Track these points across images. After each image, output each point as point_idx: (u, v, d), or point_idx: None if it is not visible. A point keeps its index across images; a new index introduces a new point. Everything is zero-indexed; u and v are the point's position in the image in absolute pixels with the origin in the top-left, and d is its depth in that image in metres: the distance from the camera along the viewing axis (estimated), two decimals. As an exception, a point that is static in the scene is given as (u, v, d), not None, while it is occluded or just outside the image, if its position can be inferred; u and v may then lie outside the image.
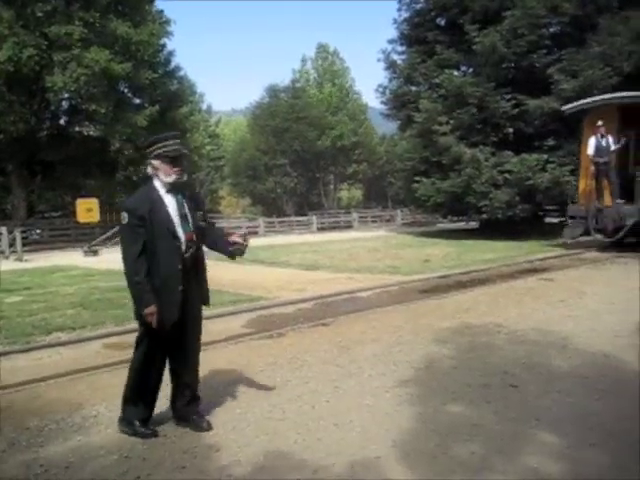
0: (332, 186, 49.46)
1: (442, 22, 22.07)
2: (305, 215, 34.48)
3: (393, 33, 23.76)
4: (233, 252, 3.94)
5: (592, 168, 13.46)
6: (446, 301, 8.37)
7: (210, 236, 3.98)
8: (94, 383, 4.91)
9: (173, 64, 28.13)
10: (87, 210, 19.17)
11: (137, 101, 26.27)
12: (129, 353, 5.56)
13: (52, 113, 25.39)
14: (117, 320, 7.18)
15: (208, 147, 47.97)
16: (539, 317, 7.08)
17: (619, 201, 13.28)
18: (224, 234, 4.06)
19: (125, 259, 3.68)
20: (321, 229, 29.20)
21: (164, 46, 26.49)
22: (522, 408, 4.22)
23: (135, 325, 4.05)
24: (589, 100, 14.85)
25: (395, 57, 23.35)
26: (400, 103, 22.67)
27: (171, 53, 27.67)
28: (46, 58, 21.00)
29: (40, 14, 20.78)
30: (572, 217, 14.27)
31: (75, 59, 20.73)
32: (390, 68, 23.27)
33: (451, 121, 19.49)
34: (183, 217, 3.77)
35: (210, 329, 5.46)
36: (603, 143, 13.29)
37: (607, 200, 13.53)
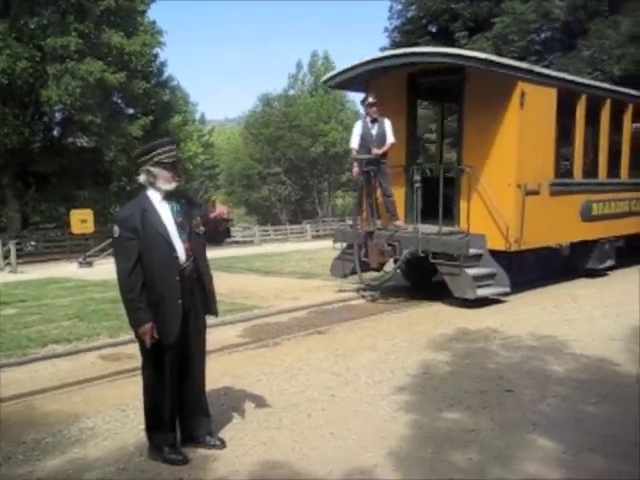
0: (327, 194, 49.53)
1: (433, 29, 22.22)
2: (299, 223, 34.52)
3: (385, 41, 23.90)
4: (220, 233, 3.87)
5: (356, 169, 8.95)
6: (441, 307, 8.37)
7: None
8: (90, 395, 4.88)
9: (166, 74, 28.53)
10: (81, 221, 19.09)
11: (130, 111, 26.44)
12: (125, 364, 5.59)
13: (45, 125, 25.49)
14: (112, 331, 7.15)
15: (202, 156, 48.09)
16: (534, 322, 7.10)
17: (397, 222, 8.87)
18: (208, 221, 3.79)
19: (119, 275, 3.48)
20: (316, 237, 29.23)
21: (156, 56, 26.83)
22: (519, 413, 4.23)
23: (131, 336, 4.01)
24: (360, 62, 9.02)
25: (387, 65, 23.49)
26: (392, 110, 22.76)
27: (163, 63, 28.08)
28: (40, 70, 21.06)
29: (33, 26, 20.86)
30: (344, 246, 9.42)
31: (69, 72, 20.79)
32: (382, 76, 23.40)
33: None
34: (179, 225, 3.56)
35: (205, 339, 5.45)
36: (373, 131, 8.70)
37: (383, 219, 9.12)
